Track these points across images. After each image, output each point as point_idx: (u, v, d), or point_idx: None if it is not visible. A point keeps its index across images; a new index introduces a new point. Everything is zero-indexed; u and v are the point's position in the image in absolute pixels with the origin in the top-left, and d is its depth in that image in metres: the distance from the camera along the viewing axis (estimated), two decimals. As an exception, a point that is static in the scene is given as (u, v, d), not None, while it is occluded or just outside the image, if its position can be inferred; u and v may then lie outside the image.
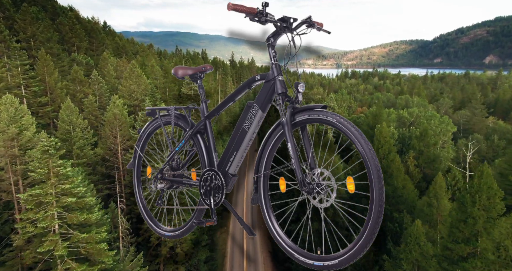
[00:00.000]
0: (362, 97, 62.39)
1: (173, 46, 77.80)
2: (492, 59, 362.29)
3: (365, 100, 58.30)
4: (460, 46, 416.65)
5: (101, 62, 41.19)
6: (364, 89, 73.30)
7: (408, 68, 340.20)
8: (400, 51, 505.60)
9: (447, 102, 62.44)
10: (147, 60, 48.61)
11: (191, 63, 59.81)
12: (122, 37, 70.87)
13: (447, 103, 62.16)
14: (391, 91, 72.27)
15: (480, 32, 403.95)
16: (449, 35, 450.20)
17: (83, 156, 20.36)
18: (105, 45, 50.61)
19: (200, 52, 78.55)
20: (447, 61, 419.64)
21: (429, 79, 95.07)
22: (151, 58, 52.51)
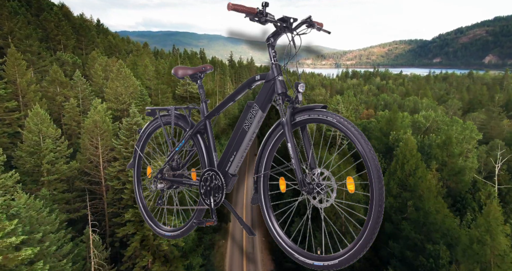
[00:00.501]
0: (366, 98, 59.57)
1: (171, 46, 75.33)
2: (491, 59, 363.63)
3: (370, 102, 55.44)
4: (459, 46, 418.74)
5: (90, 62, 38.16)
6: (368, 90, 70.40)
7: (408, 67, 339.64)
8: (399, 51, 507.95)
9: (455, 104, 59.69)
10: (140, 59, 45.69)
11: (187, 62, 57.46)
12: (117, 36, 68.05)
13: (456, 104, 59.41)
14: (395, 92, 69.54)
15: (479, 32, 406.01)
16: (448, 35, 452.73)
17: (55, 171, 17.35)
18: (95, 43, 47.46)
19: (198, 51, 77.04)
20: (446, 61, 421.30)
21: (432, 79, 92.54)
22: (145, 57, 49.57)
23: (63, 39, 40.16)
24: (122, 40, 66.76)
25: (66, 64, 37.17)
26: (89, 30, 48.41)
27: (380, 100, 55.71)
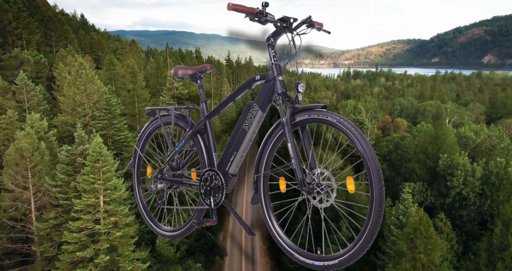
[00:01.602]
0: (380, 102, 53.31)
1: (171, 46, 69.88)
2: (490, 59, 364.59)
3: (385, 106, 49.13)
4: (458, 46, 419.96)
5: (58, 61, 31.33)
6: (378, 92, 64.12)
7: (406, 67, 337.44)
8: (398, 50, 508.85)
9: (477, 107, 53.42)
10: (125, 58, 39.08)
11: (178, 61, 51.98)
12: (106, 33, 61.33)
13: (478, 108, 53.13)
14: (405, 94, 63.36)
15: (477, 31, 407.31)
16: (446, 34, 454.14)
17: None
18: (69, 39, 40.57)
19: (194, 50, 71.62)
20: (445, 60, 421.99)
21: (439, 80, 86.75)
22: (129, 56, 42.82)
23: (24, 33, 33.33)
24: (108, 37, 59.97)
25: (26, 63, 30.28)
26: (60, 23, 41.36)
27: (396, 104, 49.45)
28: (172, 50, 69.18)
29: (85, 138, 13.28)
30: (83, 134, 13.20)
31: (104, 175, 11.44)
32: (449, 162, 20.75)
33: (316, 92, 58.20)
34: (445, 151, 21.03)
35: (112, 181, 11.59)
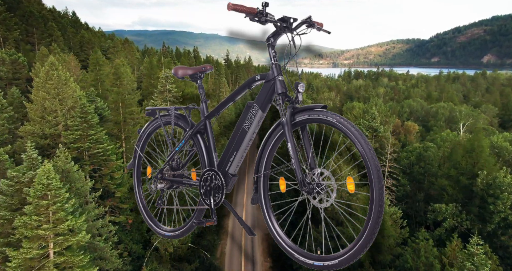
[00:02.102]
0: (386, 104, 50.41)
1: (167, 45, 67.60)
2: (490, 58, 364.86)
3: (393, 109, 46.21)
4: (458, 45, 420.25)
5: (39, 61, 28.23)
6: (384, 93, 61.23)
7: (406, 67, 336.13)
8: (397, 50, 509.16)
9: (490, 110, 50.59)
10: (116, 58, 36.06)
11: (174, 60, 49.39)
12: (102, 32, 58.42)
13: (491, 110, 50.30)
14: (411, 95, 60.47)
15: (477, 31, 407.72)
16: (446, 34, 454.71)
17: None
18: (54, 37, 37.43)
19: (192, 50, 69.21)
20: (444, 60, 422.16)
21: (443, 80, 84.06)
22: (121, 56, 39.78)
23: (1, 29, 30.25)
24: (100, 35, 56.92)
25: (0, 63, 27.27)
26: (43, 19, 38.16)
27: (405, 106, 46.58)
28: (169, 50, 66.59)
29: (38, 160, 10.09)
30: (34, 155, 10.01)
31: (55, 216, 8.19)
32: (490, 181, 17.70)
33: (318, 93, 55.41)
34: (483, 166, 17.78)
35: (66, 223, 8.30)
